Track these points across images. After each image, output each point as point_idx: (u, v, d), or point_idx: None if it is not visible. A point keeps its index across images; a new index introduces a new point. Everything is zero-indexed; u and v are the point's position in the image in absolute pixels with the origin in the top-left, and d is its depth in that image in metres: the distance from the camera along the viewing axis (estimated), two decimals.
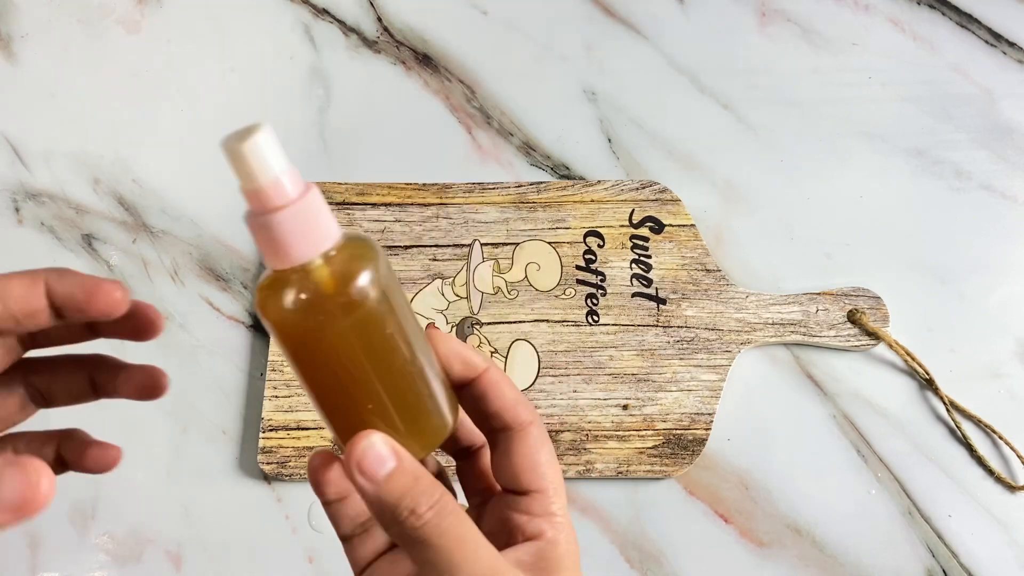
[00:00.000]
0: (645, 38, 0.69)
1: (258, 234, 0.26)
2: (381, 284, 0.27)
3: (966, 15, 0.70)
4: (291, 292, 0.26)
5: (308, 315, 0.26)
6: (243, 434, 0.57)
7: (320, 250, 0.26)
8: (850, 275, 0.61)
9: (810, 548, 0.54)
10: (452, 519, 0.27)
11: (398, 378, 0.28)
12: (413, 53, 0.69)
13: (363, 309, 0.26)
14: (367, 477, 0.27)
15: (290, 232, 0.26)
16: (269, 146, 0.26)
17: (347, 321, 0.26)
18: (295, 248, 0.26)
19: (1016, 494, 0.55)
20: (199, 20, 0.70)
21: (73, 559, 0.54)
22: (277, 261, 0.26)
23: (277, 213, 0.26)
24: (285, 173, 0.26)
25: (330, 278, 0.26)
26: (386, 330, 0.27)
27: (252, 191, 0.26)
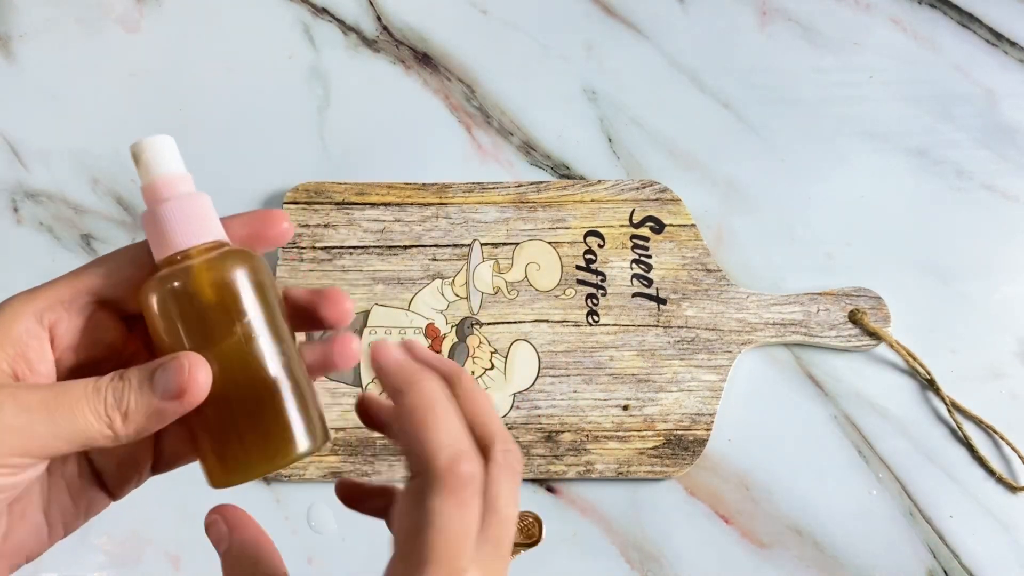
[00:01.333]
0: (645, 37, 0.69)
1: (147, 226, 0.29)
2: (253, 285, 0.28)
3: (967, 14, 0.70)
4: (164, 277, 0.28)
5: (176, 298, 0.28)
6: None
7: (198, 241, 0.28)
8: (851, 275, 0.60)
9: (811, 549, 0.54)
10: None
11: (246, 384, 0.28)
12: (412, 52, 0.69)
13: (226, 304, 0.28)
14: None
15: (173, 222, 0.28)
16: (165, 150, 0.29)
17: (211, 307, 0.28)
18: (174, 236, 0.28)
19: (1017, 495, 0.55)
20: (198, 20, 0.70)
21: (73, 559, 0.53)
22: (159, 250, 0.28)
23: (163, 204, 0.28)
24: (179, 175, 0.29)
25: (200, 265, 0.28)
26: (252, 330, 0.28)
27: (146, 185, 0.29)
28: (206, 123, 0.66)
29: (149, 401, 0.26)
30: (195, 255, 0.28)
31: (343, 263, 0.59)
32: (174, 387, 0.26)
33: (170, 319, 0.28)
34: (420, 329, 0.58)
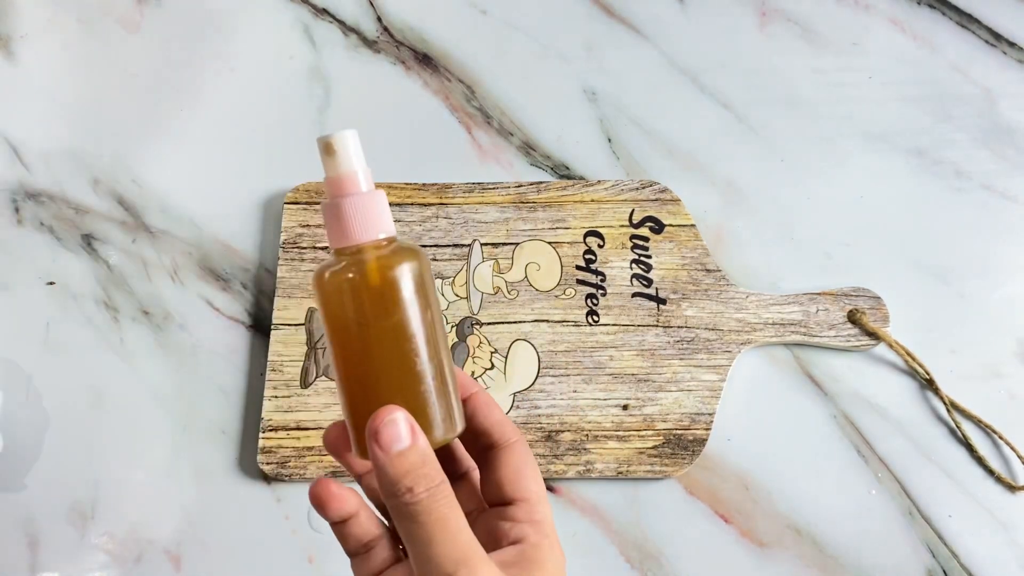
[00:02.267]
0: (645, 38, 0.69)
1: (328, 216, 0.31)
2: (414, 279, 0.31)
3: (966, 15, 0.70)
4: (340, 264, 0.31)
5: (348, 287, 0.30)
6: (243, 434, 0.57)
7: (372, 237, 0.31)
8: (850, 275, 0.61)
9: (810, 548, 0.54)
10: (443, 503, 0.30)
11: (415, 367, 0.31)
12: (413, 53, 0.69)
13: (393, 294, 0.31)
14: (381, 447, 0.29)
15: (353, 216, 0.31)
16: (352, 145, 0.32)
17: (378, 299, 0.30)
18: (353, 230, 0.31)
19: (1016, 494, 0.55)
20: (199, 20, 0.70)
21: (73, 559, 0.53)
22: (338, 240, 0.31)
23: (347, 199, 0.31)
24: (362, 171, 0.32)
25: (373, 260, 0.31)
26: (411, 322, 0.31)
27: (333, 178, 0.32)
28: (206, 123, 0.66)
29: None
30: (369, 250, 0.31)
31: None
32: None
33: (341, 303, 0.31)
34: None
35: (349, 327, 0.31)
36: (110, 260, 0.61)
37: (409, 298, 0.31)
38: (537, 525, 0.33)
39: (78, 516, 0.54)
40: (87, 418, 0.57)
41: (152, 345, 0.59)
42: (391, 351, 0.31)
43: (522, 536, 0.32)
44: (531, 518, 0.33)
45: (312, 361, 0.57)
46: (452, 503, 0.30)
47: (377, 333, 0.31)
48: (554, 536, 0.33)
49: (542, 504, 0.33)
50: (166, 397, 0.58)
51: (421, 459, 0.30)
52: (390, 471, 0.29)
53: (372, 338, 0.31)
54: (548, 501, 0.34)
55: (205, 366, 0.58)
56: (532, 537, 0.32)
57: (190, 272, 0.61)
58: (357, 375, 0.31)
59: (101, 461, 0.56)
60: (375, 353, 0.31)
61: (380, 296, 0.31)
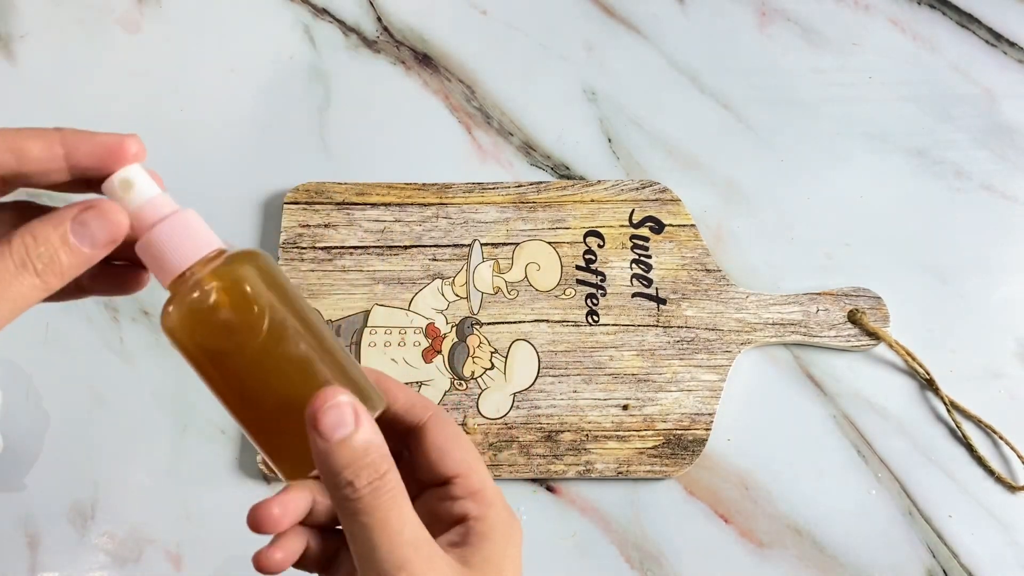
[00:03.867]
0: (645, 38, 0.69)
1: (144, 255, 0.28)
2: (262, 277, 0.28)
3: (966, 15, 0.70)
4: (179, 300, 0.28)
5: (195, 314, 0.28)
6: (243, 434, 0.57)
7: (197, 256, 0.28)
8: (850, 275, 0.61)
9: (810, 548, 0.54)
10: (386, 499, 0.28)
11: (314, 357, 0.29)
12: (413, 53, 0.69)
13: (247, 301, 0.28)
14: (321, 434, 0.27)
15: (167, 244, 0.28)
16: (137, 178, 0.28)
17: (233, 312, 0.28)
18: (174, 257, 0.28)
19: (1016, 494, 0.55)
20: (199, 20, 0.70)
21: (73, 559, 0.53)
22: (163, 275, 0.28)
23: (152, 228, 0.28)
24: (156, 196, 0.28)
25: (209, 275, 0.28)
26: (283, 317, 0.28)
27: (133, 216, 0.28)
28: (206, 123, 0.66)
29: (80, 254, 0.27)
30: (199, 270, 0.28)
31: (343, 263, 0.60)
32: (104, 237, 0.27)
33: (199, 334, 0.28)
34: (420, 329, 0.58)
35: (220, 354, 0.28)
36: None
37: (266, 296, 0.28)
38: (478, 496, 0.32)
39: (78, 516, 0.54)
40: (87, 418, 0.57)
41: (152, 345, 0.59)
42: (274, 358, 0.28)
43: (464, 512, 0.31)
44: (469, 490, 0.32)
45: None
46: (396, 497, 0.28)
47: (255, 345, 0.28)
48: (500, 502, 0.32)
49: (477, 474, 0.32)
50: (166, 397, 0.58)
51: (365, 446, 0.28)
52: (331, 461, 0.27)
53: (252, 352, 0.28)
54: (484, 467, 0.33)
55: None
56: (474, 510, 0.31)
57: None
58: (253, 397, 0.29)
59: (101, 461, 0.56)
60: (263, 366, 0.28)
61: (236, 308, 0.28)
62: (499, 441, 0.55)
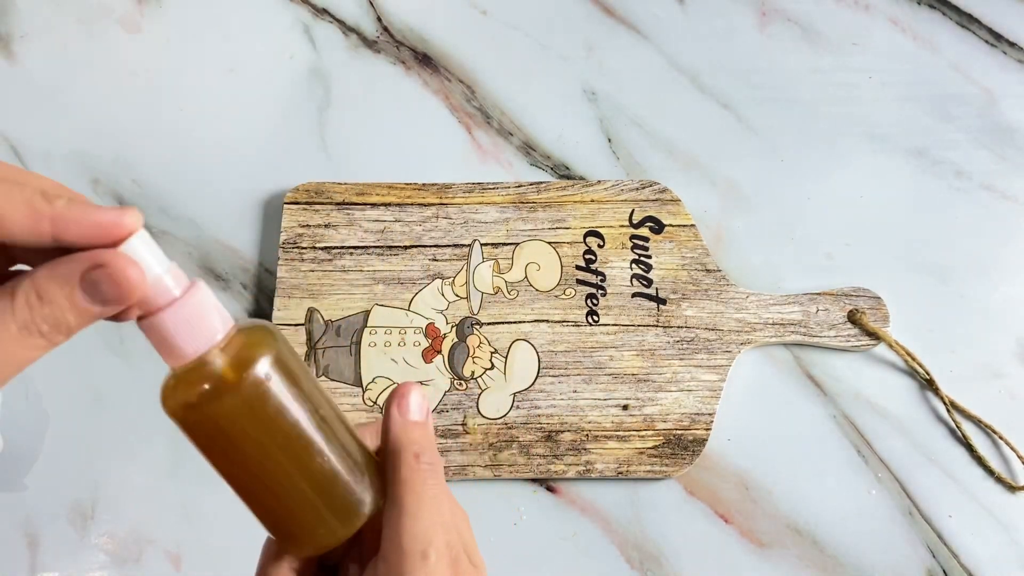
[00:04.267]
0: (645, 38, 0.69)
1: (150, 335, 0.26)
2: (281, 367, 0.27)
3: (966, 15, 0.70)
4: (190, 386, 0.26)
5: (209, 405, 0.26)
6: None
7: (211, 342, 0.26)
8: (850, 275, 0.61)
9: (810, 548, 0.54)
10: (439, 480, 0.30)
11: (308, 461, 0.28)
12: (413, 53, 0.69)
13: (262, 393, 0.27)
14: (401, 409, 0.32)
15: (178, 328, 0.26)
16: (146, 248, 0.26)
17: (247, 405, 0.27)
18: (186, 343, 0.26)
19: (1016, 494, 0.55)
20: (199, 20, 0.70)
21: (73, 559, 0.53)
22: (172, 359, 0.27)
23: (162, 312, 0.26)
24: (165, 272, 0.26)
25: (226, 367, 0.26)
26: (289, 413, 0.27)
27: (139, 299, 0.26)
28: (206, 123, 0.66)
29: (88, 313, 0.25)
30: (212, 358, 0.27)
31: (343, 263, 0.60)
32: (116, 298, 0.25)
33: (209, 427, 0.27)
34: (420, 329, 0.58)
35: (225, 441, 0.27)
36: None
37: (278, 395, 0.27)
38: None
39: (78, 516, 0.54)
40: (87, 418, 0.57)
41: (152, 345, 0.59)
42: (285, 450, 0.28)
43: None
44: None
45: (312, 361, 0.57)
46: (444, 485, 0.31)
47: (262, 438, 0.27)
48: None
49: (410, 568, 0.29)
50: None
51: (429, 439, 0.31)
52: (407, 433, 0.31)
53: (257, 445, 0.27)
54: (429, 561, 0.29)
55: None
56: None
57: (190, 272, 0.61)
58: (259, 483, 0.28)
59: (101, 461, 0.56)
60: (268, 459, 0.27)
61: (249, 397, 0.27)
62: (499, 441, 0.55)
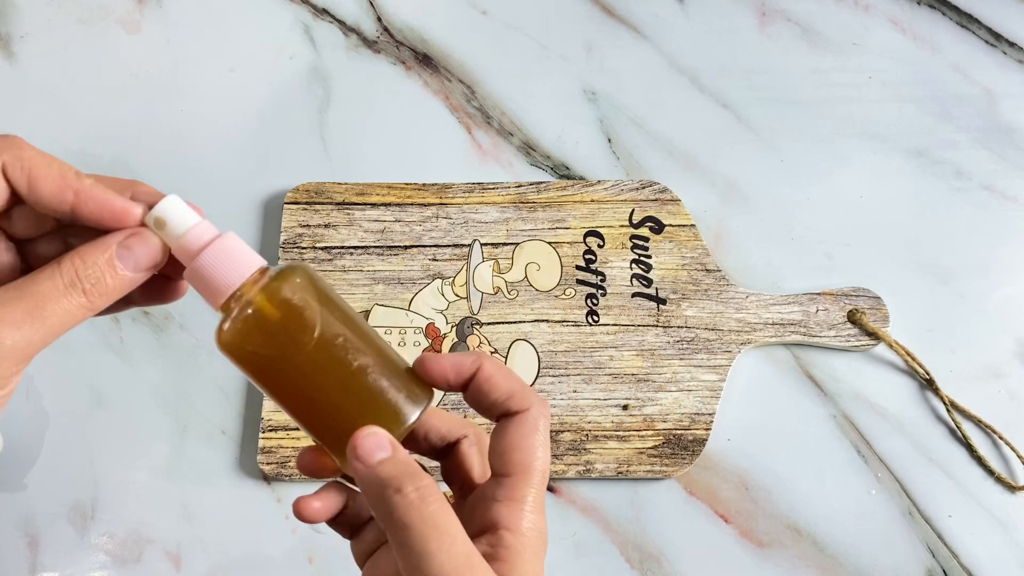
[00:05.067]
0: (645, 38, 0.69)
1: (194, 281, 0.30)
2: (308, 289, 0.30)
3: (966, 15, 0.70)
4: (232, 317, 0.30)
5: (251, 332, 0.30)
6: (243, 434, 0.57)
7: (244, 277, 0.30)
8: (850, 275, 0.61)
9: (810, 548, 0.54)
10: (435, 506, 0.28)
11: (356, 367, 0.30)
12: (413, 53, 0.69)
13: (296, 316, 0.30)
14: (361, 460, 0.29)
15: (213, 269, 0.30)
16: (177, 208, 0.30)
17: (283, 322, 0.30)
18: (223, 279, 0.30)
19: (1016, 494, 0.55)
20: (199, 20, 0.70)
21: (73, 559, 0.53)
22: (215, 298, 0.30)
23: (200, 256, 0.30)
24: (195, 227, 0.30)
25: (259, 294, 0.30)
26: (329, 327, 0.30)
27: (177, 248, 0.30)
28: (206, 123, 0.66)
29: (124, 278, 0.30)
30: (247, 290, 0.30)
31: (344, 263, 0.60)
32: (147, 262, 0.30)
33: (253, 347, 0.30)
34: (420, 329, 0.58)
35: (273, 364, 0.30)
36: None
37: (312, 307, 0.30)
38: (516, 504, 0.30)
39: (78, 516, 0.54)
40: (87, 418, 0.57)
41: (152, 345, 0.59)
42: (325, 366, 0.30)
43: (495, 520, 0.30)
44: (511, 496, 0.30)
45: None
46: (444, 506, 0.28)
47: (303, 356, 0.30)
48: (538, 514, 0.30)
49: (527, 483, 0.30)
50: (166, 397, 0.58)
51: (404, 464, 0.29)
52: (375, 477, 0.29)
53: (304, 359, 0.30)
54: (539, 479, 0.31)
55: (205, 366, 0.58)
56: (508, 519, 0.30)
57: None
58: (307, 399, 0.31)
59: (101, 461, 0.56)
60: (315, 371, 0.30)
61: (286, 320, 0.30)
62: None
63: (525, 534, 0.30)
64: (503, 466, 0.31)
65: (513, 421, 0.31)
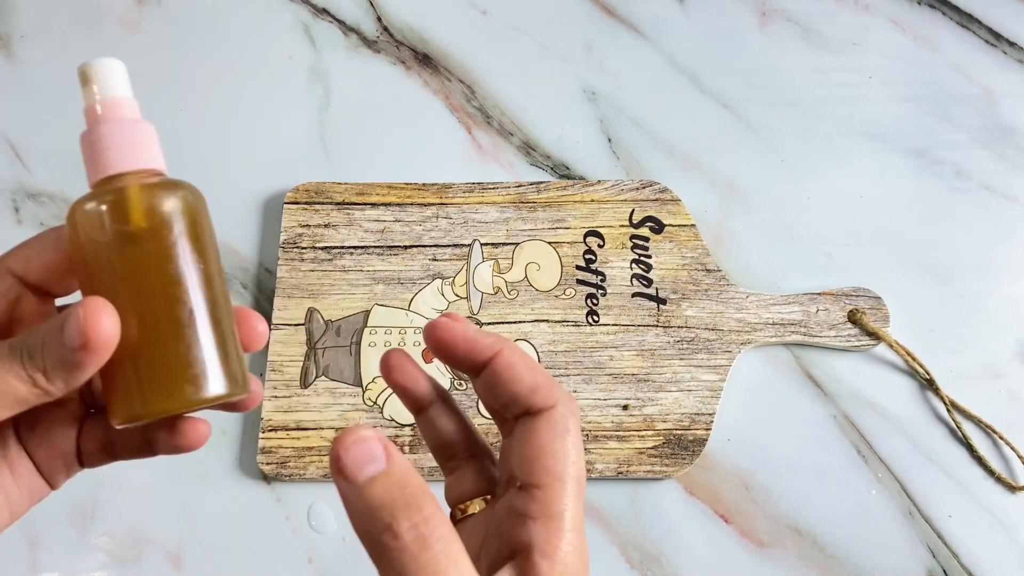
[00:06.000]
0: (645, 38, 0.69)
1: (84, 147, 0.28)
2: (183, 215, 0.27)
3: (966, 15, 0.70)
4: (96, 197, 0.27)
5: (103, 214, 0.26)
6: (243, 434, 0.57)
7: (134, 166, 0.27)
8: (850, 275, 0.61)
9: (810, 548, 0.54)
10: (438, 549, 0.23)
11: (180, 313, 0.27)
12: (413, 53, 0.69)
13: (151, 231, 0.27)
14: (346, 475, 0.23)
15: (111, 143, 0.27)
16: (114, 72, 0.28)
17: (132, 237, 0.26)
18: (112, 158, 0.27)
19: (1016, 494, 0.55)
20: (199, 20, 0.70)
21: (73, 559, 0.53)
22: (93, 172, 0.27)
23: (104, 125, 0.28)
24: (124, 100, 0.28)
25: (135, 187, 0.27)
26: (168, 263, 0.27)
27: (89, 107, 0.28)
28: (206, 123, 0.66)
29: (63, 354, 0.25)
30: (130, 179, 0.27)
31: (343, 263, 0.60)
32: (78, 339, 0.24)
33: (94, 242, 0.27)
34: (420, 329, 0.58)
35: (106, 261, 0.27)
36: None
37: (175, 236, 0.27)
38: (553, 522, 0.25)
39: (78, 516, 0.54)
40: None
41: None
42: (156, 297, 0.26)
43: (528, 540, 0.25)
44: (547, 511, 0.26)
45: (312, 361, 0.57)
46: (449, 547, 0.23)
47: (140, 277, 0.26)
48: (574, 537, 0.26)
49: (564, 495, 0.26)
50: None
51: (401, 484, 0.23)
52: (362, 503, 0.23)
53: (136, 273, 0.26)
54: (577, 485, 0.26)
55: None
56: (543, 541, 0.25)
57: None
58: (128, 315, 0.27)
59: None
60: (139, 299, 0.26)
61: (141, 231, 0.26)
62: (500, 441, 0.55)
63: (563, 560, 0.25)
64: (532, 475, 0.26)
65: (540, 420, 0.27)
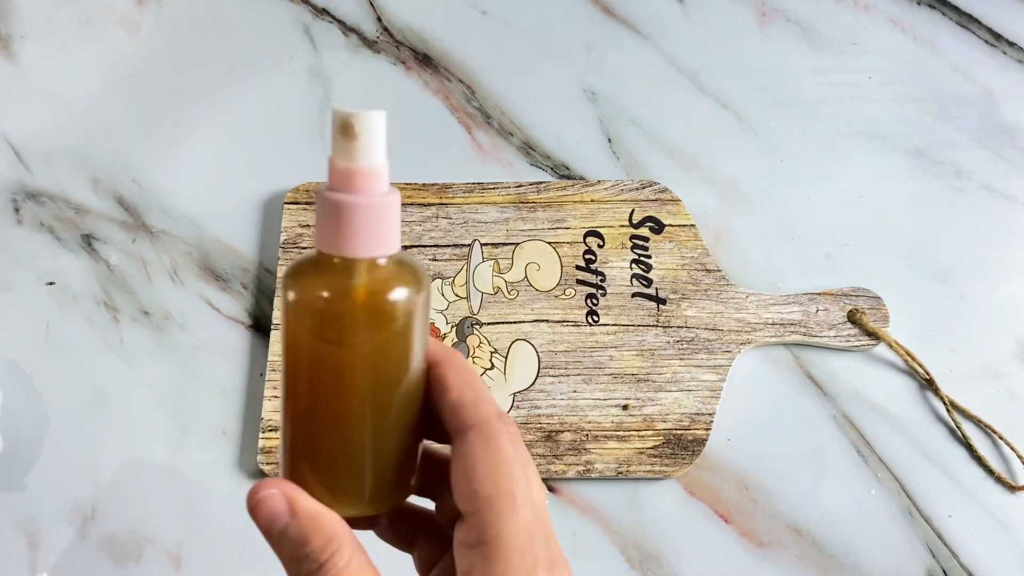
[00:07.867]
0: (645, 38, 0.69)
1: (327, 210, 0.25)
2: (409, 313, 0.26)
3: (966, 15, 0.70)
4: (325, 277, 0.25)
5: (328, 304, 0.25)
6: (243, 434, 0.57)
7: (374, 253, 0.25)
8: (850, 275, 0.61)
9: (810, 548, 0.54)
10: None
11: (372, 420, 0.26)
12: (413, 53, 0.69)
13: (380, 329, 0.25)
14: (261, 531, 0.26)
15: (358, 225, 0.25)
16: (378, 131, 0.25)
17: (344, 329, 0.25)
18: (353, 241, 0.25)
19: (1016, 494, 0.55)
20: (199, 20, 0.70)
21: (73, 559, 0.53)
22: (328, 245, 0.25)
23: (358, 201, 0.25)
24: (383, 167, 0.25)
25: (368, 283, 0.25)
26: (386, 362, 0.26)
27: (344, 170, 0.25)
28: (206, 123, 0.66)
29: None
30: (364, 269, 0.25)
31: None
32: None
33: (305, 317, 0.26)
34: None
35: (305, 346, 0.26)
36: (110, 260, 0.61)
37: (394, 331, 0.25)
38: (487, 549, 0.24)
39: (78, 516, 0.54)
40: (87, 418, 0.57)
41: (152, 345, 0.59)
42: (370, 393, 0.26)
43: (468, 571, 0.24)
44: (480, 538, 0.24)
45: None
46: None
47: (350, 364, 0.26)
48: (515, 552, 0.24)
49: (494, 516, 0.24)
50: (166, 397, 0.58)
51: (303, 536, 0.25)
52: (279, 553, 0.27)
53: (342, 371, 0.26)
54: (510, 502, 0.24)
55: (205, 366, 0.58)
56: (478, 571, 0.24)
57: (190, 272, 0.61)
58: (300, 402, 0.27)
59: (101, 461, 0.56)
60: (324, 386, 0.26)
61: (357, 323, 0.25)
62: None
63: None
64: (464, 502, 0.25)
65: (467, 442, 0.26)
